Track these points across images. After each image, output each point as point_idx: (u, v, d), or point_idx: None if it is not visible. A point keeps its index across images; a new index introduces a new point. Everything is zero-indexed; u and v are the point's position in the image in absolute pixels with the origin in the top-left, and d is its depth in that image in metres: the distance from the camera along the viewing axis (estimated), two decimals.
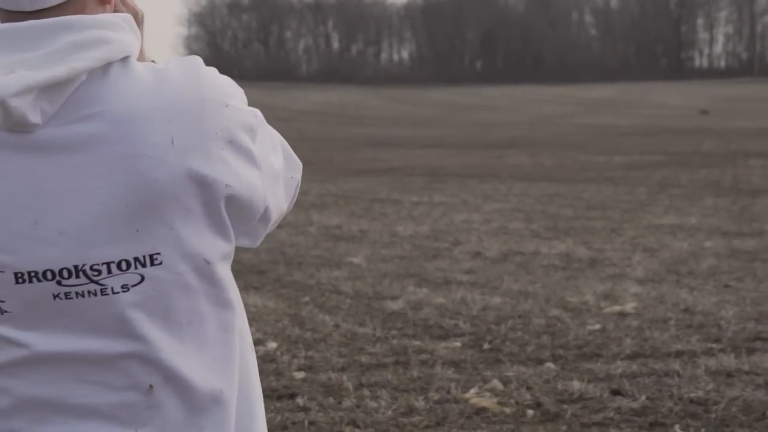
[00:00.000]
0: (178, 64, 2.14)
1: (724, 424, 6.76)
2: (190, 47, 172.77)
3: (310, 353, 8.56)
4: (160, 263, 2.09)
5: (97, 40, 2.03)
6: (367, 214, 18.77)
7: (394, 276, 12.17)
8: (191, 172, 2.06)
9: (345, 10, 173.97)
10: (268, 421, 6.78)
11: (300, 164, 2.42)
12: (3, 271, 2.05)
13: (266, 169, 2.22)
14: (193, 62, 2.15)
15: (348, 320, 9.79)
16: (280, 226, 16.58)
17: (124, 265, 2.06)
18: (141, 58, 2.24)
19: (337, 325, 9.55)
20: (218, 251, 2.17)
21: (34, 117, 1.98)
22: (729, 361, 8.19)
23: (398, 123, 67.43)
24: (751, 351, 8.52)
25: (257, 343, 8.82)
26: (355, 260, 13.36)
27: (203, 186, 2.09)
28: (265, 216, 2.26)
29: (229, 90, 2.16)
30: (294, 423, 6.82)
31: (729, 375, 7.82)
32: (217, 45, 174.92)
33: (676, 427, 6.72)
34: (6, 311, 2.08)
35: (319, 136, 49.20)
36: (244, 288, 11.33)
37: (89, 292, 2.06)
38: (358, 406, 7.16)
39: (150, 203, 2.04)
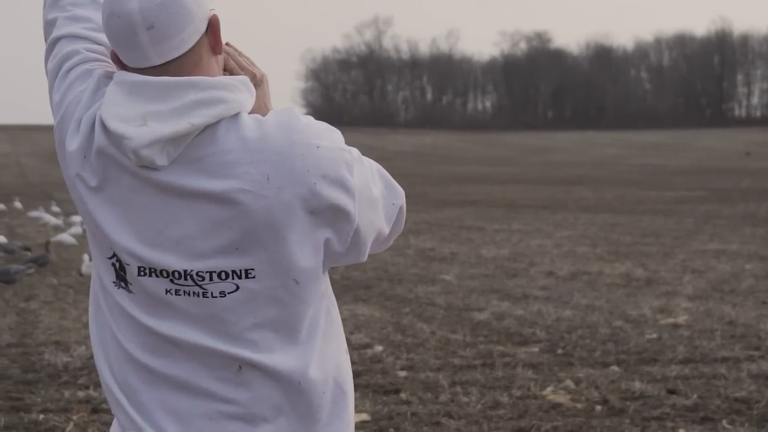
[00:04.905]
0: (275, 114, 2.21)
1: (764, 420, 6.68)
2: (307, 98, 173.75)
3: (410, 355, 8.58)
4: (254, 277, 2.17)
5: (216, 99, 2.13)
6: (455, 239, 18.75)
7: (480, 291, 12.14)
8: (284, 204, 2.13)
9: (437, 66, 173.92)
10: (376, 413, 6.82)
11: (401, 192, 2.41)
12: (129, 264, 2.19)
13: (361, 197, 2.23)
14: (288, 113, 2.21)
15: (442, 328, 9.79)
16: None
17: (223, 275, 2.16)
18: (265, 111, 2.31)
19: (433, 332, 9.55)
20: (306, 272, 2.21)
21: (161, 160, 2.12)
22: None
23: (481, 162, 67.21)
24: None
25: (366, 346, 8.87)
26: (447, 278, 13.35)
27: (296, 216, 2.14)
28: (357, 235, 2.26)
29: (320, 134, 2.19)
30: (398, 414, 6.84)
31: None
32: (329, 96, 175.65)
33: (724, 422, 6.64)
34: (132, 293, 2.22)
35: (414, 173, 49.21)
36: (353, 300, 11.39)
37: (194, 293, 2.18)
38: (452, 401, 7.16)
39: (249, 229, 2.13)
